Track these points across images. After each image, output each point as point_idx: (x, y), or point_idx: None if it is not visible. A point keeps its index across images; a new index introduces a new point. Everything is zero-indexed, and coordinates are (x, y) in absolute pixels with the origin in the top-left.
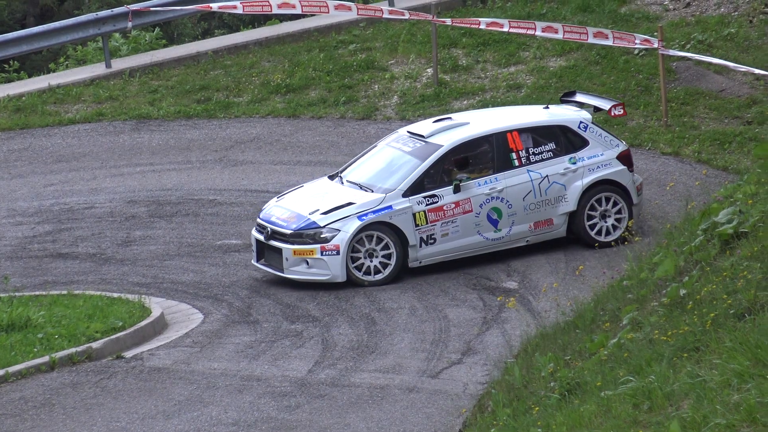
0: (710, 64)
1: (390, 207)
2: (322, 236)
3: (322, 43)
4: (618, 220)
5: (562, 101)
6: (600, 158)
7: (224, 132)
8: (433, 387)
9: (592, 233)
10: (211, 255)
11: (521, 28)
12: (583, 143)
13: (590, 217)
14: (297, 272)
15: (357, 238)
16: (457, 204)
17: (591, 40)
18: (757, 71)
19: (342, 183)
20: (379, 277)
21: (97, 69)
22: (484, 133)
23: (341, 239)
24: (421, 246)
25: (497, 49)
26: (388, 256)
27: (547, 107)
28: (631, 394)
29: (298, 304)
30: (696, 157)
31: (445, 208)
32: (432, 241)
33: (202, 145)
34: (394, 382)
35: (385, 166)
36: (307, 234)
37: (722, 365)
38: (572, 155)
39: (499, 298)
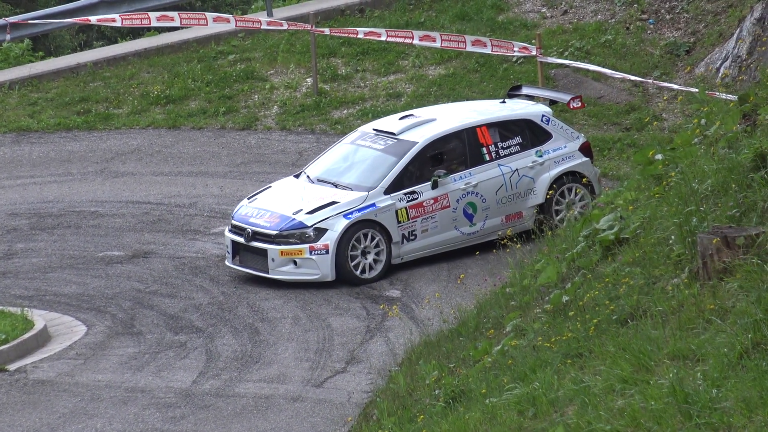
0: (588, 71)
1: (374, 205)
2: (309, 236)
3: (201, 54)
4: (583, 211)
5: (510, 96)
6: (564, 150)
7: (105, 144)
8: (318, 396)
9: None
10: (93, 267)
11: (399, 37)
12: (547, 136)
13: (557, 210)
14: (284, 272)
15: (356, 237)
16: (435, 200)
17: (469, 48)
18: (634, 78)
19: (312, 182)
20: (372, 274)
21: None
22: (456, 129)
23: (330, 238)
24: (403, 242)
25: (376, 58)
26: (378, 254)
27: (504, 101)
28: (515, 401)
29: (182, 315)
30: None
31: (424, 204)
32: (413, 237)
33: (83, 157)
34: (278, 391)
35: (358, 164)
36: (294, 234)
37: (606, 371)
38: (538, 148)
39: (381, 307)
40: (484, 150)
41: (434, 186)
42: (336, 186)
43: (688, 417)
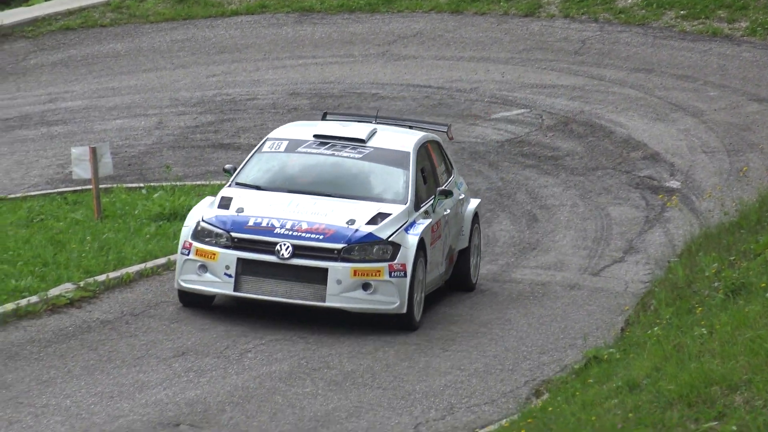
0: None
1: (415, 222)
2: (387, 252)
3: None
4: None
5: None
6: (463, 186)
7: (387, 26)
8: (595, 285)
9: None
10: None
11: None
12: (452, 165)
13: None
14: (351, 299)
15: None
16: (438, 224)
17: None
18: None
19: (285, 193)
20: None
21: None
22: (423, 141)
23: (406, 257)
24: (425, 272)
25: None
26: None
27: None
28: None
29: None
30: None
31: (434, 227)
32: (427, 268)
33: (365, 39)
34: (555, 278)
35: (339, 174)
36: (371, 249)
37: None
38: (452, 177)
39: (660, 197)
40: (438, 170)
41: (434, 207)
42: (330, 197)
43: None
